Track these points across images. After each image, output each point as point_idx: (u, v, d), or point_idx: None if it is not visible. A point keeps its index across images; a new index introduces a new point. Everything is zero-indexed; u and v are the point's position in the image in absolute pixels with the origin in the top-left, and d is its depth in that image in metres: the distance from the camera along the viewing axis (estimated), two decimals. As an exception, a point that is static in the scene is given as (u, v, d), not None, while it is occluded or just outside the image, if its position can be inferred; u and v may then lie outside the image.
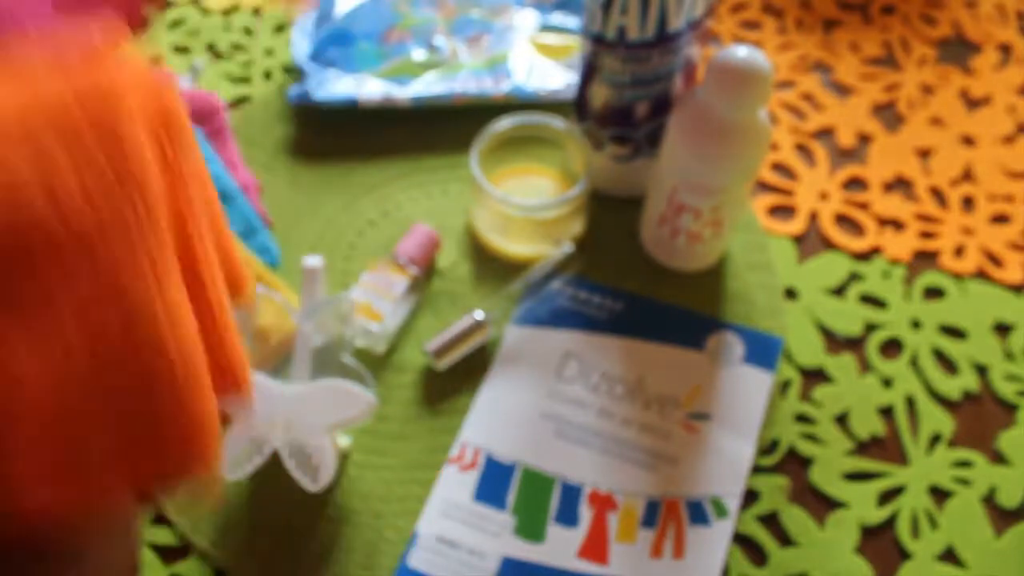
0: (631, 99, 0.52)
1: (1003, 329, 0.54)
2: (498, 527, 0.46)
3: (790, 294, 0.56)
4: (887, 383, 0.52)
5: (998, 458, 0.49)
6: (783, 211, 0.60)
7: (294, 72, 0.66)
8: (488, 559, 0.45)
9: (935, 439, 0.50)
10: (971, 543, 0.46)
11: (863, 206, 0.60)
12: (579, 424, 0.49)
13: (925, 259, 0.57)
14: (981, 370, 0.52)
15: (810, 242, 0.58)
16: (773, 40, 0.70)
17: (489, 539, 0.45)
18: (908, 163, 0.62)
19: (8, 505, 0.19)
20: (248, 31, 0.70)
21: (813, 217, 0.59)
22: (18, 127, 0.19)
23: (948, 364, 0.53)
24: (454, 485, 0.47)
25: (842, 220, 0.59)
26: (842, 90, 0.67)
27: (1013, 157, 0.63)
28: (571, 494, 0.47)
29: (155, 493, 0.24)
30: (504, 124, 0.55)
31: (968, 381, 0.52)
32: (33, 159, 0.19)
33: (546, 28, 0.66)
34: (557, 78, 0.62)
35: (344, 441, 0.48)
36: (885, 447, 0.50)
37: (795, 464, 0.49)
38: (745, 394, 0.50)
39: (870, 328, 0.54)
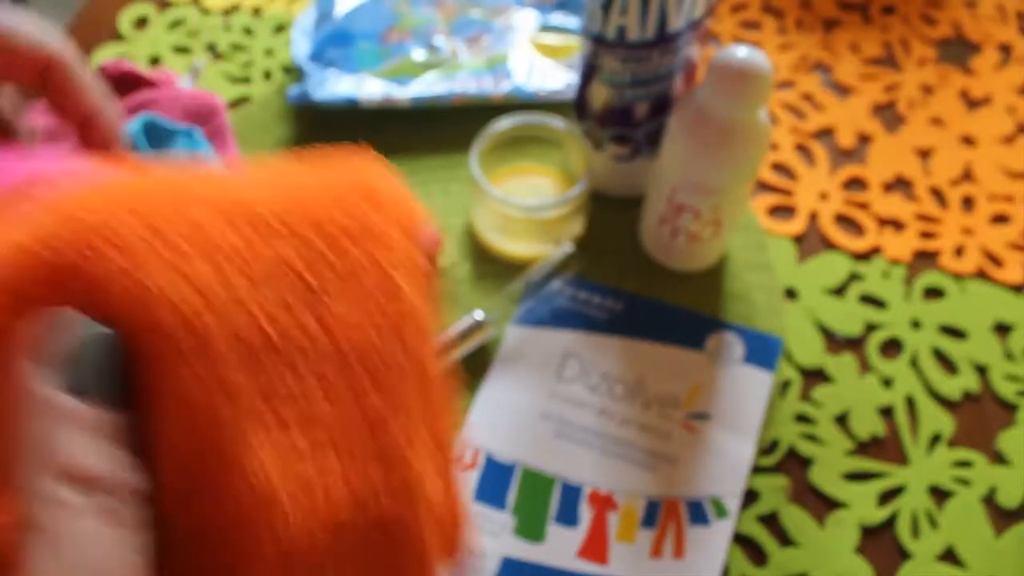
0: (631, 99, 0.52)
1: (1003, 329, 0.54)
2: (498, 527, 0.46)
3: (790, 294, 0.56)
4: (887, 383, 0.52)
5: (998, 458, 0.49)
6: (783, 211, 0.60)
7: (294, 72, 0.66)
8: (488, 559, 0.45)
9: (935, 439, 0.50)
10: (971, 543, 0.46)
11: (863, 206, 0.60)
12: (579, 424, 0.49)
13: (925, 259, 0.57)
14: (981, 370, 0.52)
15: (810, 242, 0.58)
16: (773, 40, 0.70)
17: (489, 539, 0.45)
18: (908, 163, 0.62)
19: None
20: (248, 31, 0.70)
21: (813, 217, 0.59)
22: (286, 223, 0.17)
23: (948, 364, 0.53)
24: (454, 485, 0.47)
25: (842, 220, 0.59)
26: (842, 90, 0.67)
27: (1013, 157, 0.63)
28: (571, 494, 0.47)
29: None
30: (504, 124, 0.55)
31: (968, 381, 0.52)
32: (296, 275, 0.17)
33: (546, 28, 0.66)
34: (557, 78, 0.62)
35: (344, 441, 0.48)
36: (885, 447, 0.50)
37: (795, 464, 0.49)
38: (745, 394, 0.50)
39: (870, 328, 0.54)
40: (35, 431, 0.15)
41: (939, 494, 0.48)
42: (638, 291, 0.55)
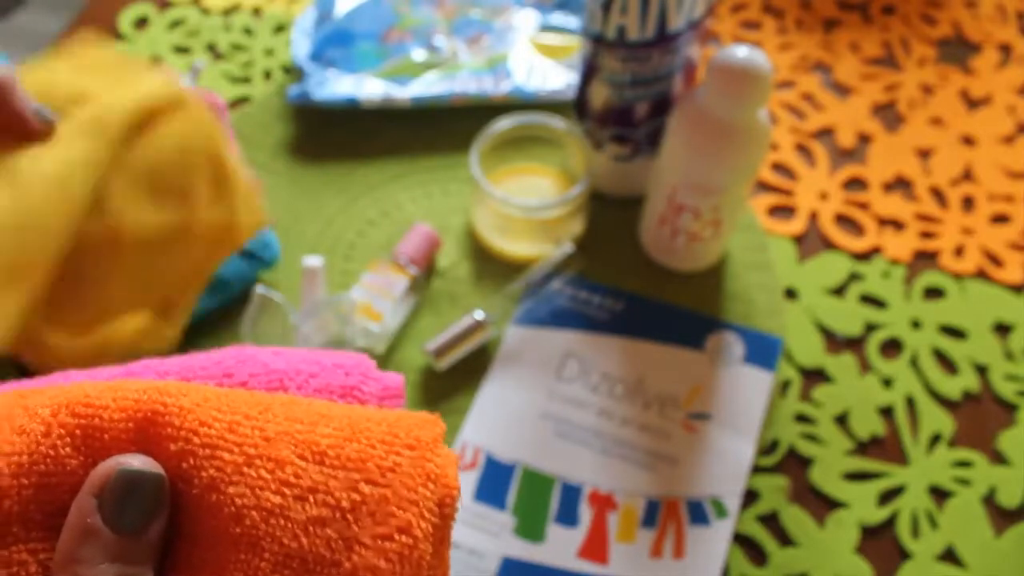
0: (631, 99, 0.52)
1: (1003, 329, 0.54)
2: (498, 527, 0.46)
3: (790, 294, 0.56)
4: (887, 383, 0.52)
5: (998, 458, 0.49)
6: (783, 211, 0.60)
7: (294, 72, 0.66)
8: (488, 559, 0.45)
9: (935, 439, 0.50)
10: (971, 543, 0.46)
11: (863, 206, 0.60)
12: (579, 424, 0.49)
13: (925, 259, 0.57)
14: (981, 370, 0.52)
15: (810, 242, 0.58)
16: (773, 40, 0.70)
17: (489, 539, 0.45)
18: (908, 163, 0.62)
19: None
20: (248, 31, 0.70)
21: (813, 217, 0.59)
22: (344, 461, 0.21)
23: (948, 364, 0.53)
24: (454, 485, 0.47)
25: (842, 220, 0.59)
26: (842, 90, 0.67)
27: (1013, 157, 0.63)
28: (571, 494, 0.47)
29: None
30: (504, 124, 0.55)
31: (968, 381, 0.52)
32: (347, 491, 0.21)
33: (546, 28, 0.66)
34: (557, 78, 0.62)
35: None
36: (885, 447, 0.50)
37: (795, 464, 0.49)
38: (745, 394, 0.50)
39: (870, 328, 0.54)
40: (69, 542, 0.20)
41: (939, 494, 0.48)
42: (638, 291, 0.55)
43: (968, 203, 0.60)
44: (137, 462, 0.21)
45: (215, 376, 0.25)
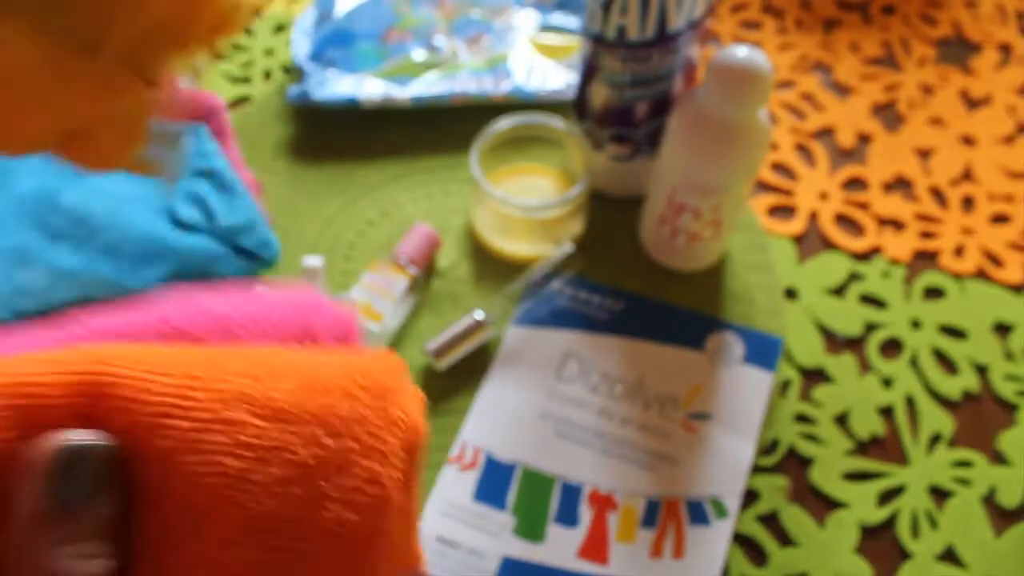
0: (631, 99, 0.52)
1: (1003, 329, 0.54)
2: (498, 527, 0.46)
3: (790, 294, 0.56)
4: (887, 383, 0.52)
5: (998, 458, 0.49)
6: (783, 211, 0.60)
7: (294, 72, 0.66)
8: (488, 559, 0.45)
9: (935, 439, 0.50)
10: (971, 543, 0.46)
11: (863, 206, 0.60)
12: (579, 424, 0.49)
13: (925, 259, 0.57)
14: (981, 370, 0.52)
15: (810, 242, 0.58)
16: (773, 40, 0.70)
17: (489, 539, 0.45)
18: (908, 163, 0.62)
19: None
20: (248, 31, 0.70)
21: (813, 217, 0.59)
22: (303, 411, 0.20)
23: (948, 364, 0.53)
24: (454, 485, 0.47)
25: (842, 220, 0.59)
26: (842, 90, 0.67)
27: (1013, 157, 0.63)
28: (571, 494, 0.47)
29: None
30: (504, 124, 0.55)
31: (968, 381, 0.52)
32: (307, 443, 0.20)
33: (546, 28, 0.66)
34: (557, 78, 0.62)
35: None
36: (885, 447, 0.50)
37: (795, 464, 0.49)
38: (745, 394, 0.50)
39: (870, 328, 0.54)
40: (16, 527, 0.18)
41: (939, 494, 0.48)
42: (638, 291, 0.55)
43: (968, 203, 0.60)
44: (77, 436, 0.19)
45: (159, 332, 0.23)
